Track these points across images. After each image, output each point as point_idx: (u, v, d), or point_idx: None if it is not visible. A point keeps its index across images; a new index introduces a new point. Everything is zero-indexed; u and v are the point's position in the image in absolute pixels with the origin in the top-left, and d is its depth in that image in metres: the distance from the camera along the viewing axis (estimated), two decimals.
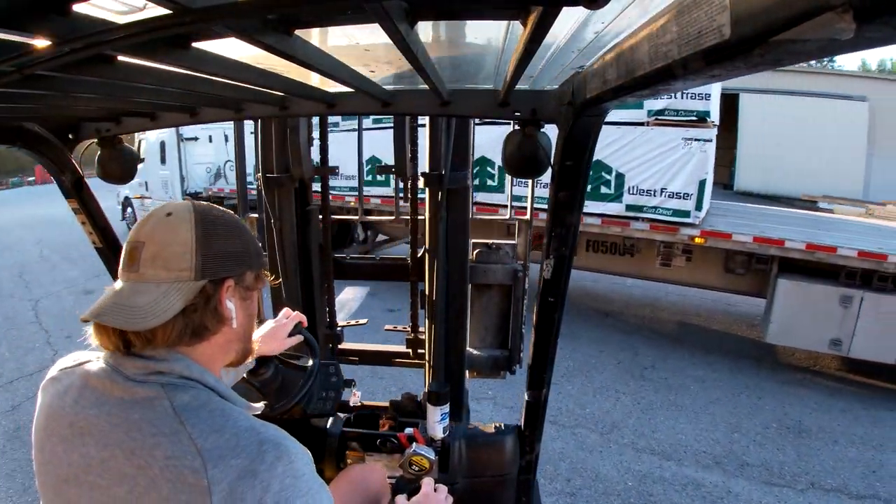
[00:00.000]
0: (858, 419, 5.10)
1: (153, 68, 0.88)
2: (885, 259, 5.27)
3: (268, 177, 2.34)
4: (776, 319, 5.73)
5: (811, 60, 0.42)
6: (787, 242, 5.62)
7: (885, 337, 5.35)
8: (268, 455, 0.78)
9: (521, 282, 2.49)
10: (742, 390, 5.47)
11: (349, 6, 0.69)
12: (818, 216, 9.40)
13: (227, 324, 0.90)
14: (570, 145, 1.20)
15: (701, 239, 6.02)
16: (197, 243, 0.85)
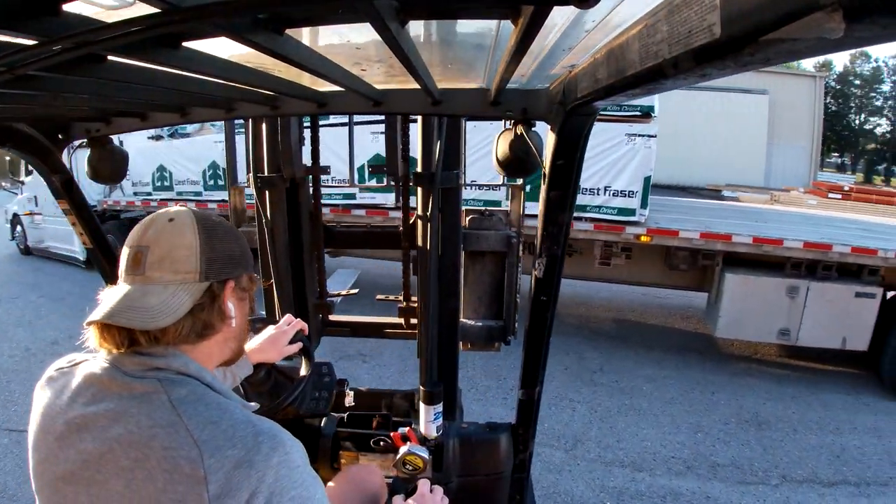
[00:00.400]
0: (810, 405, 5.25)
1: (143, 68, 0.88)
2: (830, 249, 5.43)
3: (259, 177, 2.32)
4: (725, 314, 5.78)
5: (801, 59, 0.42)
6: (735, 237, 5.66)
7: (830, 324, 5.54)
8: (263, 446, 0.79)
9: (515, 248, 2.45)
10: (694, 386, 5.50)
11: (340, 5, 0.69)
12: (752, 208, 9.59)
13: (228, 323, 0.95)
14: (561, 144, 1.20)
15: (647, 237, 5.95)
16: (201, 246, 0.89)
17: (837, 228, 6.78)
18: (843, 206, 16.26)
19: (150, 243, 0.88)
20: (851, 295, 5.48)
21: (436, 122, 2.12)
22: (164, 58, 0.74)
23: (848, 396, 5.51)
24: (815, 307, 5.52)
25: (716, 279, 5.97)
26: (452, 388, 2.31)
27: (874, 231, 6.87)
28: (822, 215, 8.86)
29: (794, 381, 5.76)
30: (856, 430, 4.89)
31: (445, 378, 2.28)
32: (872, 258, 5.44)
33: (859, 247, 5.46)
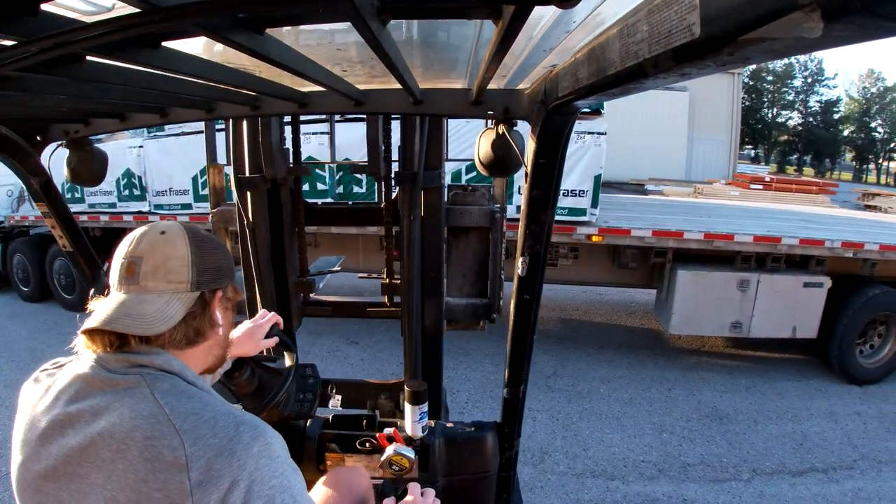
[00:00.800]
0: (765, 394, 5.32)
1: (123, 68, 0.87)
2: (779, 241, 5.54)
3: (239, 178, 2.29)
4: (678, 310, 5.75)
5: (780, 59, 0.43)
6: (686, 233, 5.64)
7: (780, 314, 5.65)
8: (244, 436, 0.82)
9: (499, 224, 2.41)
10: (650, 384, 5.46)
11: (321, 5, 0.68)
12: (695, 203, 9.62)
13: (216, 330, 1.00)
14: (542, 143, 1.21)
15: (598, 237, 5.80)
16: (192, 258, 0.93)
17: (780, 221, 6.88)
18: (765, 196, 17.08)
19: (143, 254, 0.91)
20: (800, 285, 5.62)
21: (417, 122, 2.12)
22: (144, 58, 0.73)
23: (799, 383, 5.66)
24: (765, 299, 5.62)
25: (666, 276, 5.93)
26: (437, 387, 2.31)
27: (814, 222, 7.03)
28: (762, 207, 8.99)
29: (746, 371, 5.85)
30: (813, 417, 4.99)
31: (430, 374, 2.28)
32: (819, 249, 5.60)
33: (807, 238, 5.59)
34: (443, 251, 2.35)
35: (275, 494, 0.81)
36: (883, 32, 0.31)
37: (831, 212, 9.92)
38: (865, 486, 4.06)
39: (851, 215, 9.36)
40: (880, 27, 0.30)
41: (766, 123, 49.87)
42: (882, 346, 5.89)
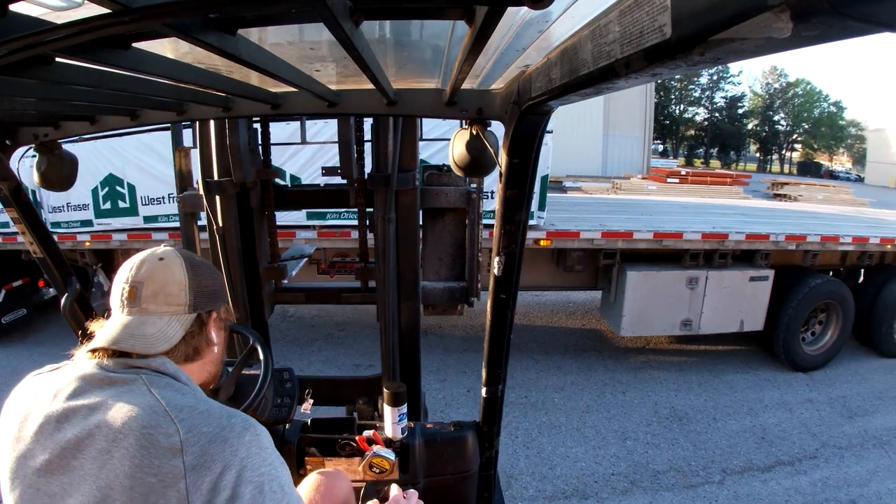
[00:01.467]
0: (718, 389, 5.40)
1: (93, 69, 0.85)
2: (726, 238, 5.61)
3: (207, 181, 2.25)
4: (628, 312, 5.69)
5: (750, 59, 0.44)
6: (636, 234, 5.58)
7: (729, 309, 5.77)
8: (237, 426, 0.87)
9: (476, 204, 2.37)
10: (603, 389, 5.38)
11: (293, 5, 0.68)
12: (629, 200, 9.63)
13: (212, 348, 1.08)
14: (516, 143, 1.22)
15: (546, 241, 5.59)
16: (189, 282, 1.01)
17: (719, 216, 6.99)
18: (682, 190, 17.90)
19: (144, 279, 0.98)
20: (746, 280, 5.75)
21: (391, 123, 2.11)
22: (114, 59, 0.72)
23: (748, 374, 5.79)
24: (713, 295, 5.70)
25: (614, 278, 5.84)
26: (416, 389, 2.31)
27: (751, 215, 7.19)
28: (700, 203, 9.19)
29: (695, 366, 5.90)
30: (768, 408, 5.09)
31: (409, 376, 2.28)
32: (764, 243, 5.71)
33: (753, 233, 5.69)
34: (419, 253, 2.35)
35: (263, 481, 0.85)
36: (851, 32, 0.32)
37: (765, 204, 10.38)
38: (832, 474, 4.18)
39: (784, 207, 9.85)
40: (848, 27, 0.31)
41: (674, 119, 53.38)
42: (823, 333, 6.14)
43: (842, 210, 9.82)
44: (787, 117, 53.43)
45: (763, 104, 53.78)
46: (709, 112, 53.82)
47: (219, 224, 2.27)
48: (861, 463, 4.35)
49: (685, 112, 54.13)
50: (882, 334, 6.33)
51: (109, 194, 5.76)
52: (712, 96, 53.27)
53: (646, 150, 28.02)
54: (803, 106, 52.61)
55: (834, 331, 6.07)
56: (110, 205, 5.78)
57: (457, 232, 2.45)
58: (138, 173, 5.65)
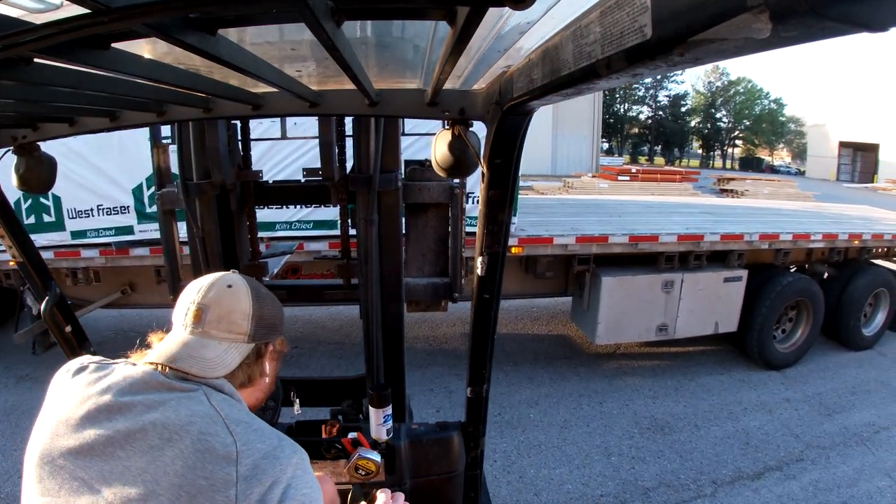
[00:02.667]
0: (695, 394, 5.29)
1: (72, 70, 0.84)
2: (701, 239, 5.48)
3: (187, 183, 2.22)
4: (604, 319, 5.43)
5: (729, 59, 0.45)
6: (611, 237, 5.36)
7: (704, 312, 5.66)
8: (287, 448, 0.93)
9: (459, 199, 2.36)
10: (579, 400, 5.15)
11: (274, 5, 0.67)
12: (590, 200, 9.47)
13: (264, 378, 1.11)
14: (498, 143, 1.23)
15: (518, 248, 5.24)
16: (253, 313, 1.04)
17: (687, 215, 6.90)
18: (633, 187, 18.44)
19: (210, 304, 1.01)
20: (721, 280, 5.65)
21: (373, 124, 2.10)
22: (94, 59, 0.71)
23: (722, 376, 5.71)
24: (689, 298, 5.56)
25: (588, 284, 5.56)
26: (400, 390, 2.30)
27: (717, 214, 7.15)
28: (662, 202, 9.10)
29: (669, 371, 5.77)
30: (747, 411, 5.02)
31: (393, 378, 2.27)
32: (739, 243, 5.63)
33: (727, 233, 5.60)
34: (402, 255, 2.33)
35: (305, 501, 0.90)
36: (829, 33, 0.33)
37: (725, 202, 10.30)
38: (821, 476, 4.15)
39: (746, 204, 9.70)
40: (827, 28, 0.32)
41: (619, 117, 55.46)
42: (794, 330, 6.14)
43: (804, 206, 9.87)
44: (729, 114, 55.80)
45: (705, 102, 55.90)
46: (653, 110, 55.95)
47: (199, 226, 2.24)
48: (847, 462, 4.35)
49: (630, 111, 56.18)
50: (850, 328, 6.40)
51: (33, 207, 5.01)
52: (656, 95, 55.33)
53: (594, 149, 28.69)
54: (744, 103, 54.94)
55: (805, 328, 6.10)
56: (34, 219, 5.02)
57: (440, 227, 2.43)
58: (64, 182, 4.82)
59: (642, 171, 22.68)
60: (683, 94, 55.86)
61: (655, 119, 55.18)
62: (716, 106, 55.69)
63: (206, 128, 2.16)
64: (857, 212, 8.54)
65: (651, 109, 55.90)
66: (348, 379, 2.46)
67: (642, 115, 56.42)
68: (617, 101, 54.15)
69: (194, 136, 2.18)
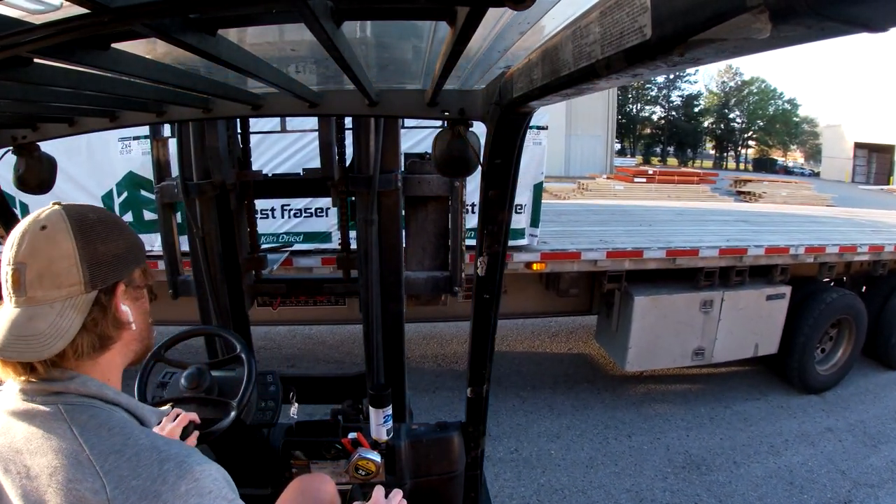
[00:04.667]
0: (731, 423, 4.78)
1: (72, 70, 0.84)
2: (744, 253, 4.90)
3: (187, 183, 2.22)
4: (635, 343, 4.81)
5: (730, 59, 0.45)
6: (646, 252, 4.74)
7: (744, 333, 5.09)
8: (169, 475, 0.75)
9: (459, 192, 2.36)
10: (605, 433, 4.58)
11: (274, 5, 0.67)
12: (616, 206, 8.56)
13: (127, 328, 0.88)
14: (498, 144, 1.23)
15: (541, 265, 4.63)
16: (80, 252, 0.81)
17: (723, 224, 6.33)
18: (649, 189, 17.86)
19: (26, 259, 0.79)
20: (763, 299, 5.07)
21: (372, 124, 2.10)
22: (93, 60, 0.71)
23: (759, 401, 5.19)
24: (729, 319, 4.96)
25: (617, 303, 4.95)
26: (401, 390, 2.30)
27: (755, 223, 6.53)
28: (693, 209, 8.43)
29: (701, 395, 5.23)
30: (789, 444, 4.53)
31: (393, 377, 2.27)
32: (784, 257, 5.04)
33: (772, 246, 5.01)
34: (402, 254, 2.34)
35: None
36: (830, 33, 0.33)
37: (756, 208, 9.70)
38: None
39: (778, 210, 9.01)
40: (827, 28, 0.32)
41: (631, 118, 54.83)
42: (834, 350, 5.53)
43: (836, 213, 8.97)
44: (743, 115, 55.26)
45: (719, 102, 55.42)
46: (665, 110, 55.53)
47: (199, 226, 2.24)
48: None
49: (642, 111, 55.84)
50: (891, 346, 5.78)
51: None
52: (669, 95, 54.86)
53: (608, 150, 28.14)
54: (758, 104, 54.42)
55: (846, 347, 5.48)
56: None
57: (440, 221, 2.43)
58: None
59: (659, 172, 22.05)
60: (697, 95, 55.44)
61: (668, 119, 54.77)
62: (729, 106, 55.14)
63: (206, 127, 2.17)
64: (891, 218, 7.76)
65: (664, 109, 55.53)
66: (348, 376, 2.47)
67: (655, 116, 56.12)
68: (629, 101, 53.73)
69: (195, 135, 2.18)
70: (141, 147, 3.99)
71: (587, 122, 26.50)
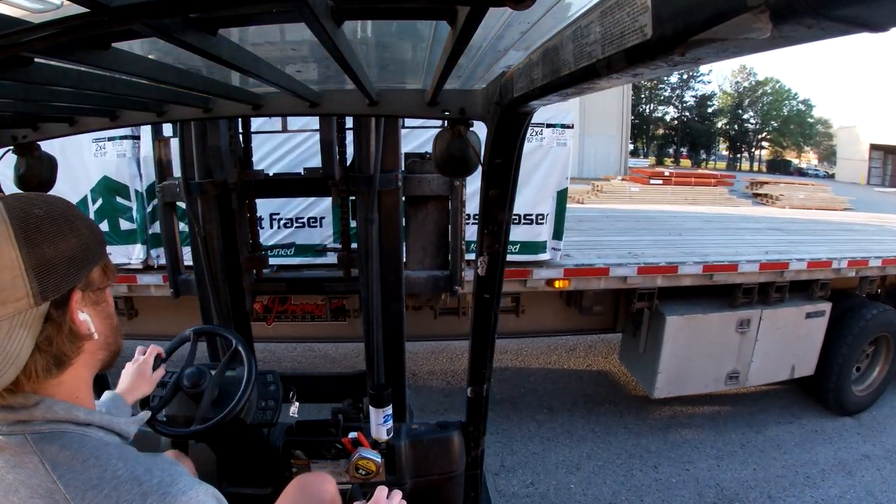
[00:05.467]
0: (764, 451, 4.45)
1: (72, 70, 0.83)
2: (786, 267, 4.48)
3: (189, 182, 2.22)
4: (666, 368, 4.38)
5: (730, 59, 0.45)
6: (681, 268, 4.31)
7: (781, 354, 4.71)
8: None
9: (458, 192, 2.35)
10: (629, 462, 4.20)
11: (275, 5, 0.67)
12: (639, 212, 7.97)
13: (88, 338, 0.77)
14: (498, 143, 1.23)
15: (564, 282, 4.14)
16: (25, 260, 0.68)
17: (755, 233, 5.88)
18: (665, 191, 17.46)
19: None
20: (802, 317, 4.66)
21: (373, 123, 2.11)
22: (94, 59, 0.71)
23: (791, 425, 4.80)
24: (766, 339, 4.55)
25: (646, 323, 4.52)
26: (401, 390, 2.30)
27: (787, 230, 6.14)
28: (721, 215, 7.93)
29: (731, 419, 4.84)
30: (825, 473, 4.19)
31: (393, 377, 2.27)
32: (826, 271, 4.62)
33: (815, 260, 4.58)
34: (402, 254, 2.34)
35: None
36: (830, 33, 0.33)
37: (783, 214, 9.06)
38: None
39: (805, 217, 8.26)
40: (827, 28, 0.32)
41: (644, 118, 54.16)
42: (870, 369, 5.16)
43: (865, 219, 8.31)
44: (757, 116, 54.91)
45: (732, 103, 55.05)
46: (679, 111, 55.13)
47: (200, 225, 2.25)
48: None
49: (655, 111, 55.42)
50: None
51: None
52: (682, 95, 54.45)
53: (622, 150, 27.88)
54: (772, 104, 54.03)
55: (883, 366, 5.11)
56: None
57: (440, 220, 2.44)
58: None
59: (675, 174, 21.73)
60: (710, 95, 54.89)
61: (681, 120, 54.34)
62: (743, 107, 54.71)
63: (208, 127, 2.17)
64: None
65: (677, 110, 55.07)
66: (348, 375, 2.47)
67: (668, 116, 55.68)
68: (642, 102, 53.16)
69: (197, 135, 2.19)
70: (116, 148, 3.56)
71: (601, 121, 26.17)
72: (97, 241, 0.79)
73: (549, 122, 3.75)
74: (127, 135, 3.59)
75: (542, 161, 3.80)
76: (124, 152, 3.54)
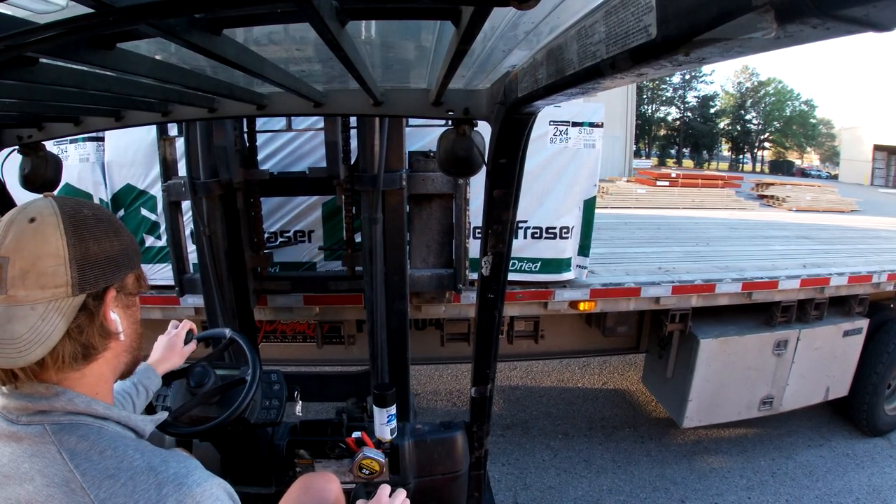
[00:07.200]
0: (795, 479, 4.11)
1: (77, 70, 0.84)
2: (827, 283, 4.14)
3: (194, 182, 2.23)
4: (696, 395, 4.02)
5: (735, 59, 0.45)
6: (718, 286, 3.87)
7: (816, 376, 4.37)
8: (169, 500, 0.71)
9: (463, 190, 2.36)
10: (654, 497, 3.82)
11: (279, 5, 0.67)
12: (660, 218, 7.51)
13: (115, 338, 0.81)
14: (503, 143, 1.23)
15: (589, 304, 3.65)
16: (70, 252, 0.73)
17: (785, 242, 5.59)
18: (672, 193, 17.28)
19: (9, 253, 0.71)
20: (840, 335, 4.32)
21: (377, 123, 2.11)
22: (99, 59, 0.71)
23: (822, 448, 4.52)
24: (803, 360, 4.21)
25: (676, 345, 4.15)
26: (405, 390, 2.30)
27: (815, 238, 5.82)
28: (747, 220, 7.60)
29: (760, 444, 4.55)
30: (859, 502, 3.89)
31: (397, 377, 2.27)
32: (865, 286, 4.30)
33: (856, 274, 4.26)
34: (406, 253, 2.34)
35: None
36: (835, 32, 0.33)
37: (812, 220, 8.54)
38: None
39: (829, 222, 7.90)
40: (832, 27, 0.32)
41: (647, 119, 53.77)
42: None
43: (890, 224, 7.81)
44: (759, 116, 54.74)
45: (735, 103, 54.90)
46: (681, 112, 54.97)
47: (205, 225, 2.26)
48: None
49: (657, 112, 55.29)
50: None
51: None
52: (684, 96, 54.36)
53: (627, 151, 27.59)
54: (775, 105, 53.84)
55: None
56: None
57: (444, 218, 2.44)
58: None
59: (683, 175, 21.30)
60: (713, 95, 54.88)
61: (684, 120, 54.21)
62: (745, 107, 54.63)
63: (213, 127, 2.18)
64: None
65: (679, 111, 54.96)
66: (353, 374, 2.47)
67: (670, 117, 55.57)
68: (645, 102, 52.89)
69: (202, 134, 2.20)
70: (78, 152, 3.19)
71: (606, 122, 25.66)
72: (135, 250, 0.85)
73: (576, 121, 3.24)
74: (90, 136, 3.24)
75: (568, 165, 3.23)
76: (87, 156, 3.19)
